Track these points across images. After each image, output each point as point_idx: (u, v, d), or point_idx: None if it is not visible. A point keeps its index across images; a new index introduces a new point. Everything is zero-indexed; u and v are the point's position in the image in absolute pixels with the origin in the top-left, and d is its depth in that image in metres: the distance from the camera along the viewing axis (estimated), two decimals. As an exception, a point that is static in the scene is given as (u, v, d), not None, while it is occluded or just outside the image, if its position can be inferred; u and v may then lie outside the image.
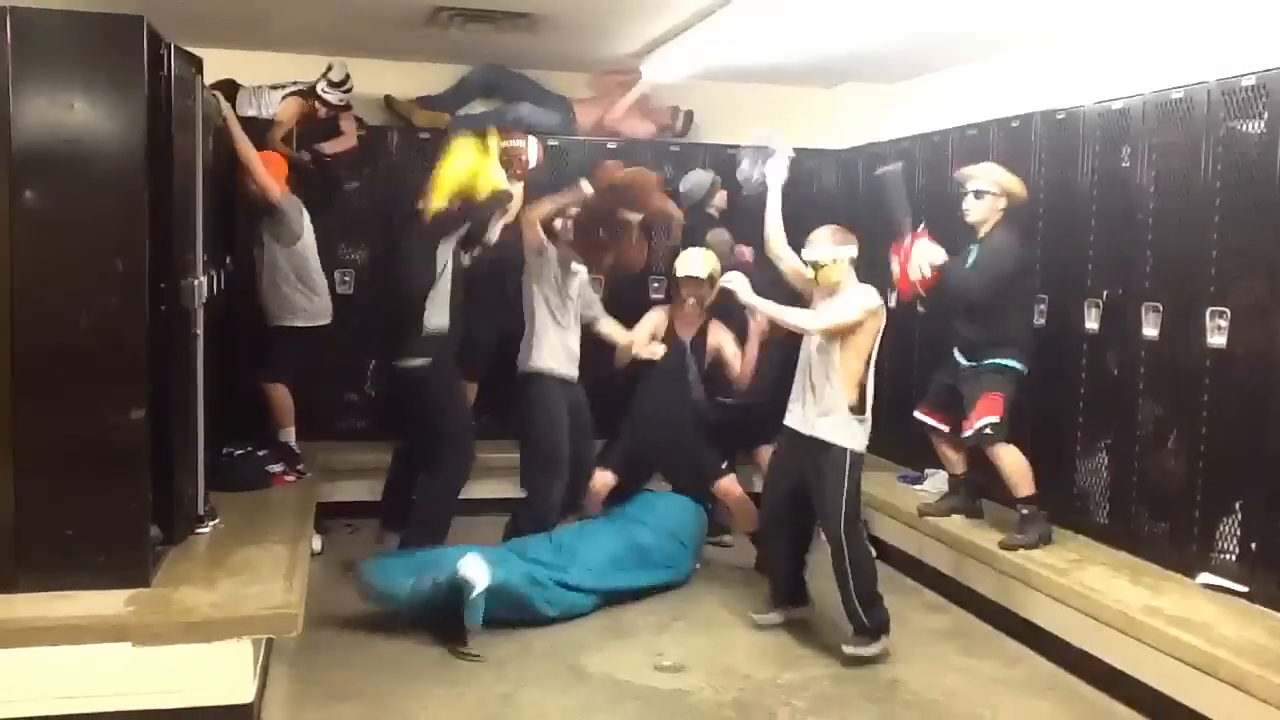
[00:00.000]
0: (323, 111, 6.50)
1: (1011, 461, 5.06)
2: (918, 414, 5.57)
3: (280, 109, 6.41)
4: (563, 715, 4.19)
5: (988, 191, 5.13)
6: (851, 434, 4.65)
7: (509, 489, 6.15)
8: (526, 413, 5.60)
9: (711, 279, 5.59)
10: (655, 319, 5.88)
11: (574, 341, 5.71)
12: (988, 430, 5.03)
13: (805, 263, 4.76)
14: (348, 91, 6.49)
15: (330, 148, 6.57)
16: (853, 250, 4.71)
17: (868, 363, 4.64)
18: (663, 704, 4.30)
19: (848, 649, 4.68)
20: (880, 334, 4.66)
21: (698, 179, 6.66)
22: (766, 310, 4.83)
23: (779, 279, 5.04)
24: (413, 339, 5.29)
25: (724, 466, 5.81)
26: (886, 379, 6.47)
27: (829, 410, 4.64)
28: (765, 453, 5.68)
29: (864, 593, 4.68)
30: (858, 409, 4.63)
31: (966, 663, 4.78)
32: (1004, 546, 5.05)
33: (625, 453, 5.84)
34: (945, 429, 5.43)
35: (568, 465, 5.60)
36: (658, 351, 5.66)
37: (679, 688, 4.44)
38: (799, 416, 4.78)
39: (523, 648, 4.78)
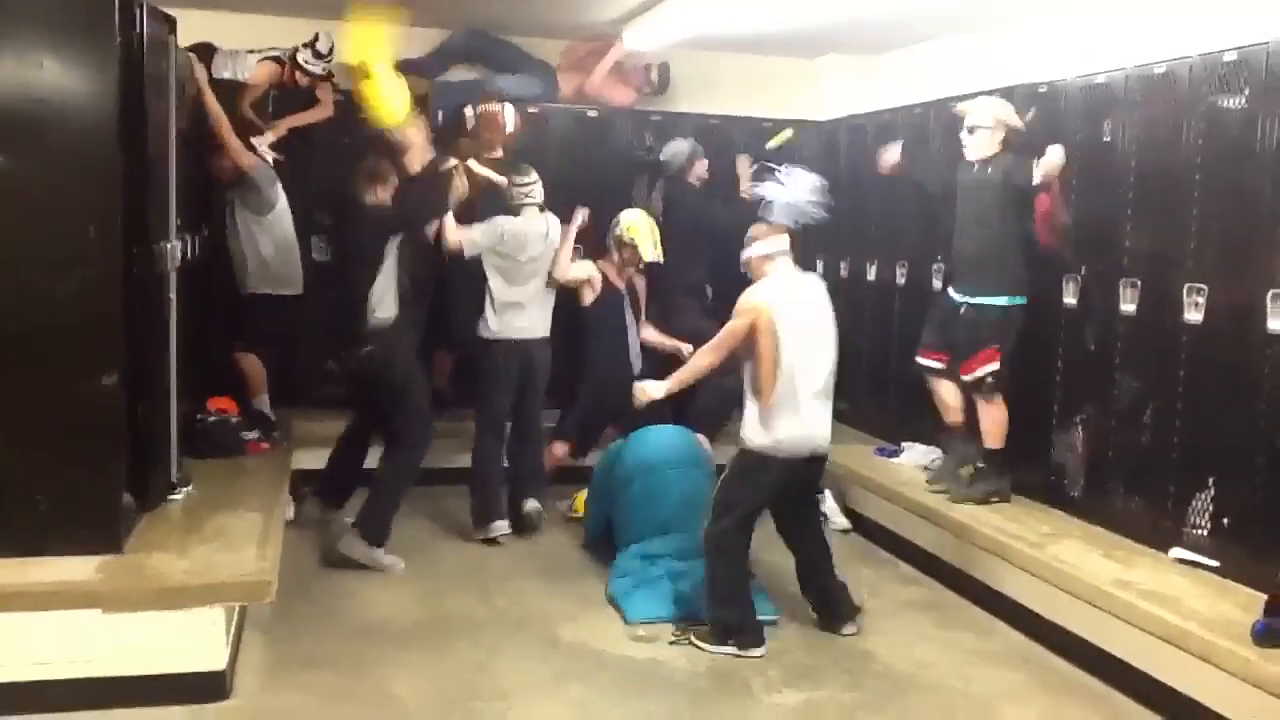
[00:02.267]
0: (303, 81, 6.42)
1: (995, 414, 5.17)
2: (918, 358, 5.56)
3: (254, 72, 6.32)
4: (537, 684, 4.19)
5: (982, 126, 5.15)
6: (746, 428, 4.46)
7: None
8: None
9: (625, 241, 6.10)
10: (589, 268, 6.09)
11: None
12: (989, 379, 5.12)
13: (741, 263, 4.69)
14: (329, 61, 6.41)
15: (307, 118, 6.48)
16: (777, 244, 4.57)
17: (779, 363, 4.35)
18: (637, 673, 4.31)
19: (694, 641, 4.51)
20: (796, 333, 4.40)
21: (676, 147, 6.63)
22: (677, 382, 4.75)
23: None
24: (361, 330, 5.23)
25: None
26: (865, 356, 6.55)
27: (746, 405, 4.50)
28: None
29: (716, 593, 4.51)
30: (764, 402, 4.38)
31: (940, 634, 4.81)
32: (950, 499, 5.23)
33: (581, 415, 6.12)
34: (943, 365, 5.41)
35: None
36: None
37: (654, 657, 4.45)
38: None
39: (498, 615, 4.79)
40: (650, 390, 4.76)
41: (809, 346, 4.47)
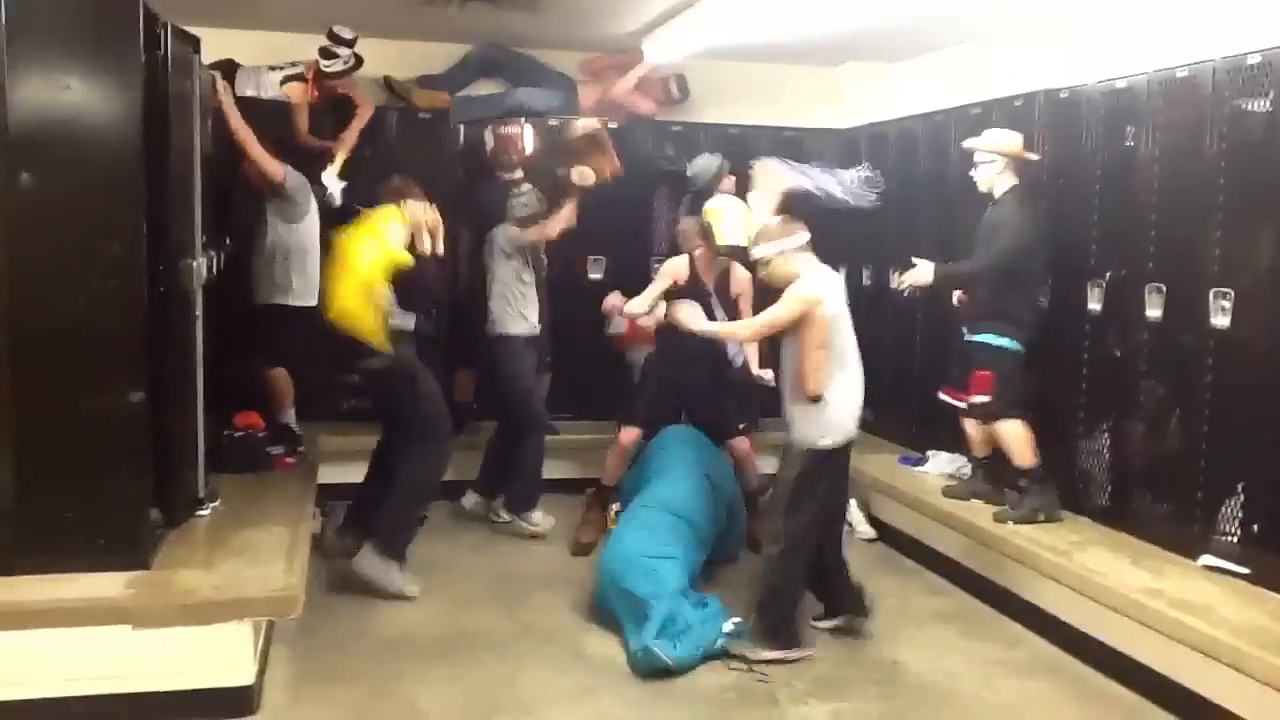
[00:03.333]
0: (329, 89, 6.47)
1: (1010, 433, 5.10)
2: (941, 395, 5.64)
3: (290, 94, 6.39)
4: (563, 697, 4.19)
5: (984, 161, 5.18)
6: (810, 425, 4.45)
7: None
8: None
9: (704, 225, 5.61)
10: (676, 265, 5.74)
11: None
12: (980, 409, 5.19)
13: (757, 262, 4.64)
14: (353, 46, 6.40)
15: (355, 129, 6.50)
16: (797, 239, 4.52)
17: (830, 355, 4.40)
18: (663, 686, 4.30)
19: (737, 650, 4.49)
20: (840, 318, 4.46)
21: (705, 163, 6.59)
22: (707, 333, 4.91)
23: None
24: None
25: (741, 426, 5.94)
26: (888, 361, 6.52)
27: (792, 403, 4.50)
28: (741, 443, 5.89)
29: (769, 601, 4.51)
30: (816, 399, 4.39)
31: (967, 645, 4.78)
32: (996, 519, 5.10)
33: (650, 400, 5.91)
34: (963, 405, 5.42)
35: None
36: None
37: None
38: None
39: (523, 629, 4.79)
40: (685, 314, 4.91)
41: (849, 340, 4.51)
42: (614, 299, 6.01)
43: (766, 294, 4.77)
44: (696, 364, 5.73)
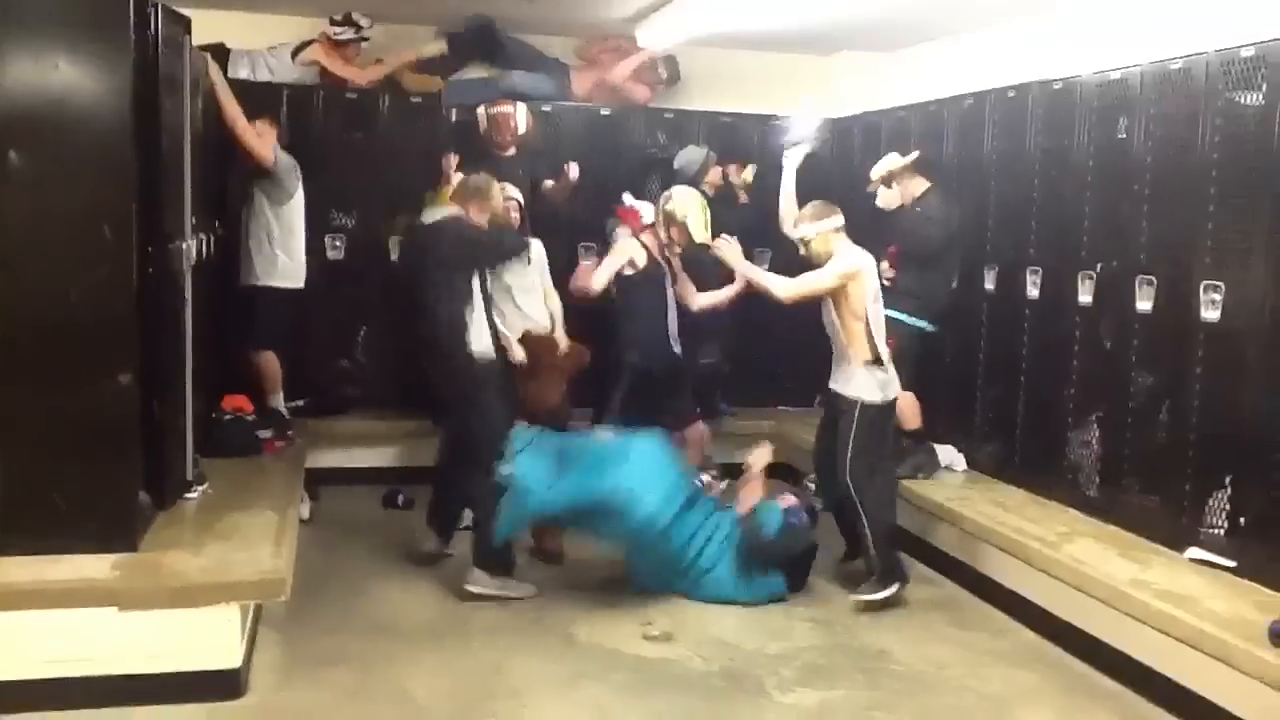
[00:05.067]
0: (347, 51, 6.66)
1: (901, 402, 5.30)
2: None
3: (311, 56, 6.54)
4: (553, 683, 4.19)
5: (882, 187, 5.59)
6: (865, 385, 4.88)
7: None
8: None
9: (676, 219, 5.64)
10: (630, 247, 5.72)
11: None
12: None
13: (797, 241, 5.05)
14: (364, 27, 6.66)
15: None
16: (835, 221, 4.96)
17: (867, 320, 4.84)
18: (651, 673, 4.31)
19: (858, 597, 4.95)
20: (874, 292, 4.89)
21: (691, 155, 6.58)
22: (749, 274, 5.21)
23: None
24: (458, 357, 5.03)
25: (698, 410, 5.98)
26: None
27: (844, 365, 4.92)
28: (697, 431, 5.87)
29: (880, 536, 4.92)
30: (874, 361, 4.86)
31: (955, 634, 4.80)
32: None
33: (625, 393, 5.67)
34: None
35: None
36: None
37: (667, 657, 4.45)
38: (832, 378, 5.04)
39: (513, 615, 4.79)
40: (728, 250, 5.21)
41: (883, 313, 4.95)
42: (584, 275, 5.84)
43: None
44: (661, 352, 5.72)
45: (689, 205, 5.63)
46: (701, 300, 5.84)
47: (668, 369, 5.75)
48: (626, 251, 5.68)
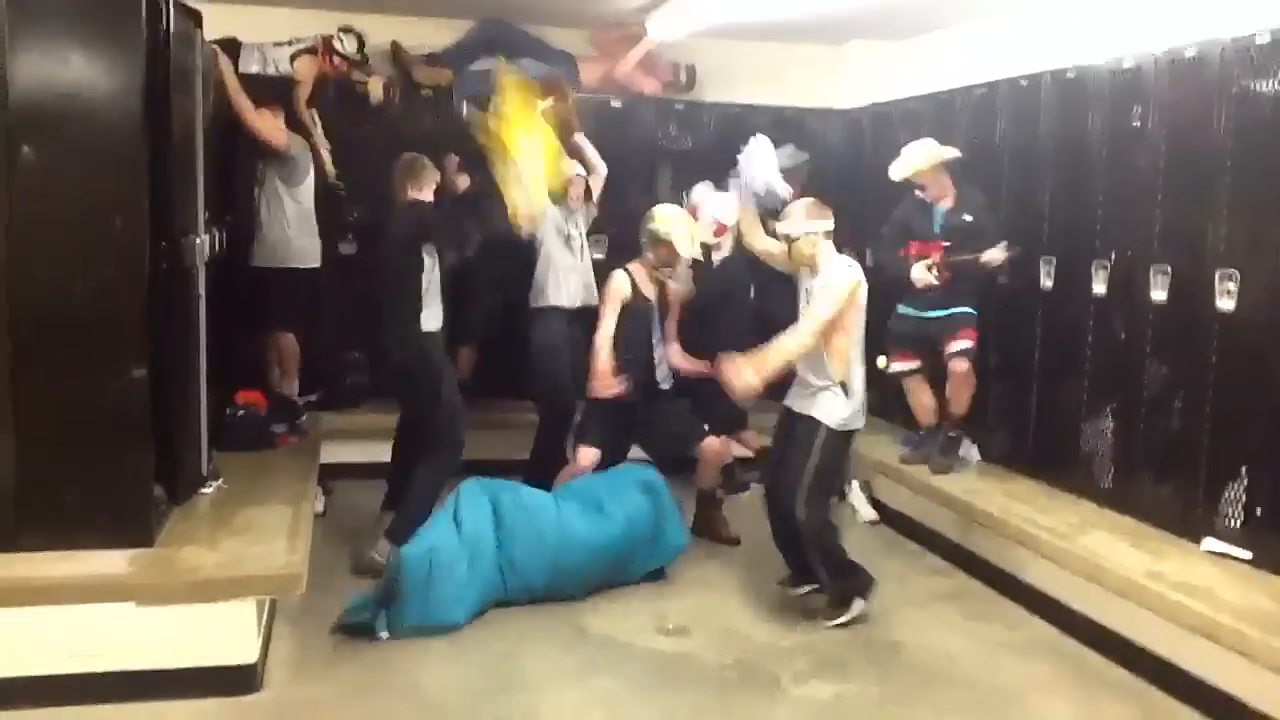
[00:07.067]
0: (342, 67, 6.55)
1: (969, 382, 5.53)
2: (892, 366, 5.75)
3: (296, 68, 6.39)
4: (564, 675, 4.20)
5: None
6: (833, 409, 4.56)
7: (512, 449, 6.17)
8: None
9: (660, 237, 5.54)
10: (619, 286, 5.58)
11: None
12: (970, 350, 5.47)
13: (781, 236, 4.70)
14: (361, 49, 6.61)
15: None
16: (827, 224, 4.62)
17: (856, 339, 4.58)
18: (665, 665, 4.31)
19: (825, 624, 4.68)
20: (863, 303, 4.59)
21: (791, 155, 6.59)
22: (771, 372, 4.49)
23: None
24: (403, 333, 5.09)
25: (705, 428, 5.67)
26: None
27: (815, 386, 4.58)
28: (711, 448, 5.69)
29: (831, 565, 4.68)
30: (844, 385, 4.55)
31: (969, 626, 4.79)
32: (933, 471, 5.64)
33: (602, 418, 5.59)
34: (916, 365, 5.72)
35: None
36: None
37: (681, 650, 4.46)
38: (793, 393, 4.74)
39: (525, 607, 4.78)
40: (741, 380, 4.46)
41: (863, 329, 4.67)
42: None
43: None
44: (647, 389, 5.62)
45: (672, 221, 5.53)
46: (679, 361, 5.73)
47: (650, 400, 5.65)
48: (618, 296, 5.56)
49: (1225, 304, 4.37)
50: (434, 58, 6.98)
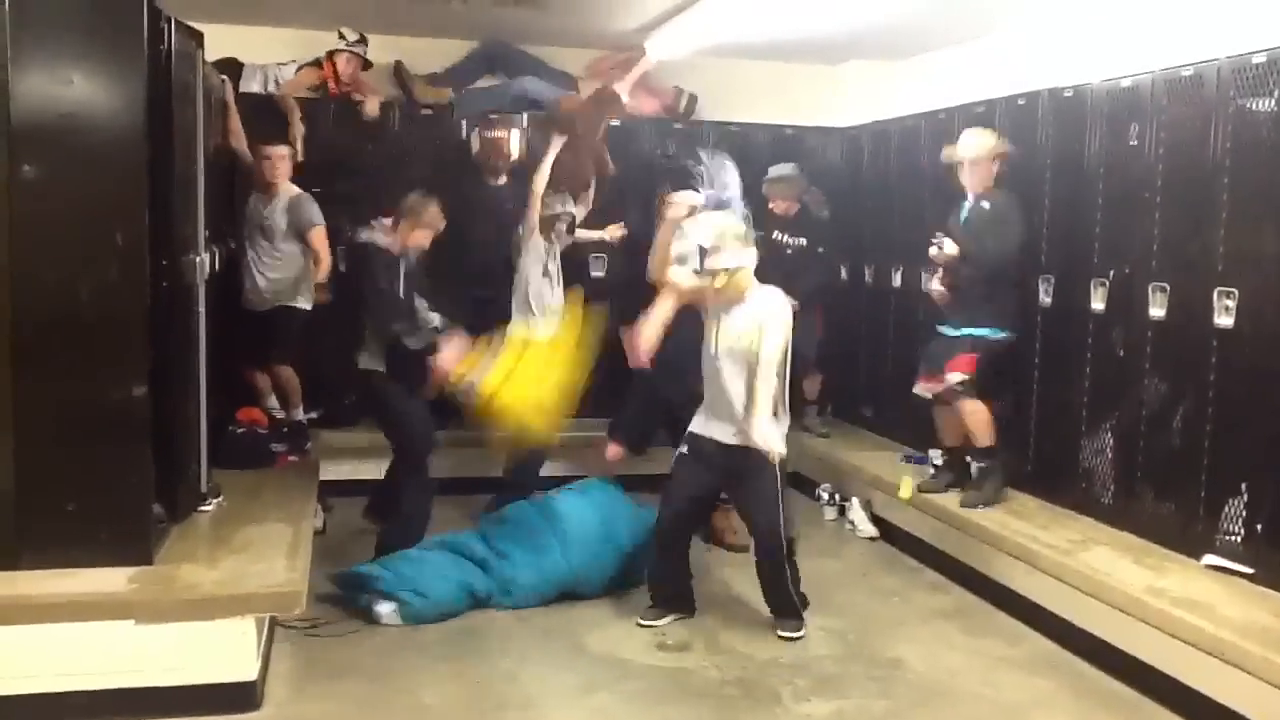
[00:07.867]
0: (346, 73, 6.57)
1: (974, 413, 5.30)
2: (916, 388, 5.65)
3: (297, 74, 6.47)
4: (565, 692, 4.19)
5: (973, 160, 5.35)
6: (777, 437, 4.52)
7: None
8: None
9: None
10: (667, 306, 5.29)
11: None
12: (958, 386, 5.28)
13: (714, 271, 4.46)
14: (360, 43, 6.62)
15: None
16: (755, 255, 4.57)
17: (782, 370, 4.55)
18: (665, 682, 4.30)
19: (786, 634, 4.70)
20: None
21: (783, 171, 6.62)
22: (766, 409, 4.46)
23: None
24: (373, 346, 5.27)
25: None
26: (891, 362, 6.52)
27: (757, 417, 4.44)
28: None
29: (795, 577, 4.74)
30: (779, 413, 4.58)
31: (969, 642, 4.78)
32: (963, 505, 5.32)
33: (634, 414, 5.79)
34: (941, 387, 5.51)
35: None
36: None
37: (682, 666, 4.44)
38: (718, 427, 4.63)
39: (525, 625, 4.79)
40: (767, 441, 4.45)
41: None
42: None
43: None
44: (683, 378, 5.58)
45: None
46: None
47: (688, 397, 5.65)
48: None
49: (1224, 320, 4.38)
50: (436, 77, 7.02)
